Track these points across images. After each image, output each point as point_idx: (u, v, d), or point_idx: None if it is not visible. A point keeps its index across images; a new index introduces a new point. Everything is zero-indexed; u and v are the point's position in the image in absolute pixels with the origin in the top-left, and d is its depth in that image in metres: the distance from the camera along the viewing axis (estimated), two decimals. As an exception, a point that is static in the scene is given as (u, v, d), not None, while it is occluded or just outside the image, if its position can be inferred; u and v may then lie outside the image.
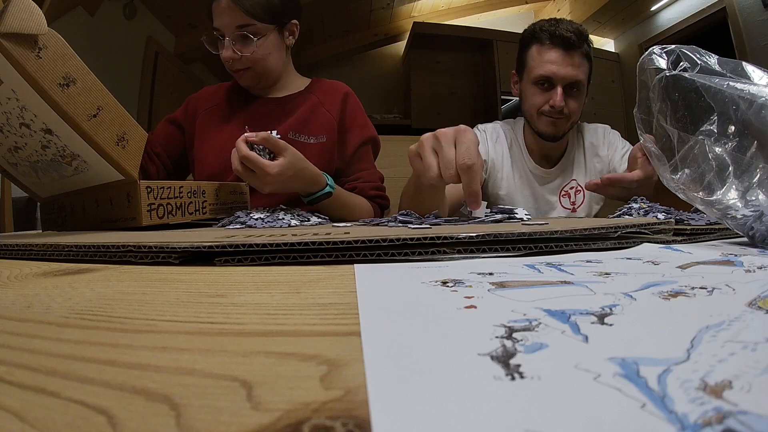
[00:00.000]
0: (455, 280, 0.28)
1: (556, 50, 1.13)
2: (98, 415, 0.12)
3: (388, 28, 3.70)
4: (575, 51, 1.14)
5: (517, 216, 0.61)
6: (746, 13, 2.43)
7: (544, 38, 1.15)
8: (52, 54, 0.58)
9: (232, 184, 0.93)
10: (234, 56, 1.04)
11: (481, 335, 0.17)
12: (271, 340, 0.18)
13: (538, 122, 1.20)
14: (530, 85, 1.19)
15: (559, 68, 1.13)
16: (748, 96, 0.40)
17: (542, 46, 1.15)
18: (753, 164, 0.39)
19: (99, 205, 0.72)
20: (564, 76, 1.14)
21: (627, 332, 0.17)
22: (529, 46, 1.19)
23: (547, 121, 1.18)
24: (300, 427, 0.11)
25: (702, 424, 0.10)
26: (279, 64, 1.13)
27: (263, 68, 1.09)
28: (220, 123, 1.16)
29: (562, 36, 1.12)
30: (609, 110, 3.32)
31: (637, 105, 0.52)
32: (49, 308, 0.23)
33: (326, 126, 1.12)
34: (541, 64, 1.15)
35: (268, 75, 1.12)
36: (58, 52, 0.58)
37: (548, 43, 1.14)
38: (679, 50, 0.47)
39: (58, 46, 0.59)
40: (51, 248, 0.43)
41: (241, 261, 0.38)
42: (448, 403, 0.12)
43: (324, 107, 1.14)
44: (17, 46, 0.54)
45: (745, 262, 0.31)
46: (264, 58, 1.07)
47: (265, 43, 1.05)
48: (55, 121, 0.61)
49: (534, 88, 1.18)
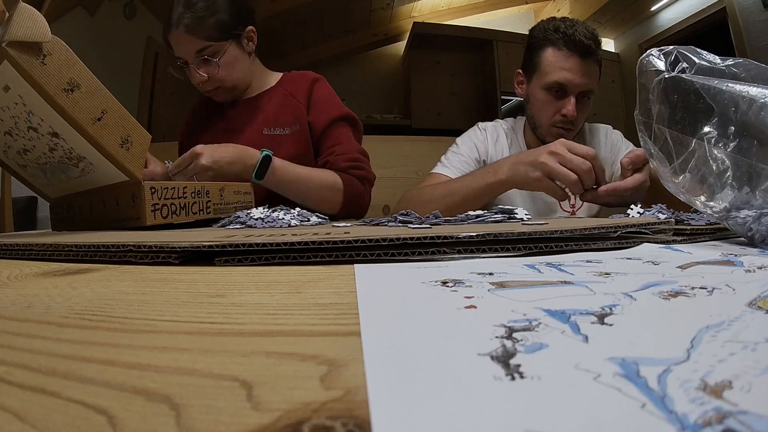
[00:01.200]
0: (455, 280, 0.28)
1: (573, 57, 1.09)
2: (98, 415, 0.12)
3: (388, 28, 3.69)
4: (591, 58, 1.10)
5: (517, 216, 0.60)
6: (746, 13, 2.43)
7: (561, 43, 1.09)
8: (57, 60, 0.60)
9: (236, 184, 0.93)
10: (203, 79, 1.08)
11: (481, 335, 0.17)
12: (271, 340, 0.18)
13: (546, 134, 1.16)
14: (541, 89, 1.14)
15: (575, 77, 1.09)
16: (748, 96, 0.40)
17: (558, 50, 1.10)
18: (753, 166, 0.39)
19: (106, 205, 0.73)
20: (579, 84, 1.10)
21: (627, 332, 0.17)
22: (542, 47, 1.13)
23: (557, 133, 1.14)
24: (300, 427, 0.11)
25: (702, 424, 0.10)
26: (245, 72, 1.16)
27: (231, 82, 1.13)
28: (201, 132, 1.20)
29: (581, 43, 1.07)
30: (609, 110, 3.31)
31: (638, 107, 0.52)
32: (48, 308, 0.23)
33: (296, 113, 1.14)
34: (557, 70, 1.10)
35: (239, 86, 1.16)
36: (62, 59, 0.60)
37: (565, 48, 1.09)
38: (678, 51, 0.47)
39: (62, 53, 0.60)
40: (51, 248, 0.43)
41: (241, 261, 0.38)
42: (448, 403, 0.12)
43: (293, 97, 1.16)
44: (23, 54, 0.56)
45: (745, 262, 0.31)
46: (229, 73, 1.10)
47: (226, 60, 1.08)
48: (61, 125, 0.62)
49: (545, 94, 1.14)
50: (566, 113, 1.10)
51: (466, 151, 1.21)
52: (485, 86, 3.52)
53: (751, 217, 0.40)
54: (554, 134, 1.14)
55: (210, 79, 1.08)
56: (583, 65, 1.09)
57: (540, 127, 1.18)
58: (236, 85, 1.14)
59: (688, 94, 0.43)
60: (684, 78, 0.44)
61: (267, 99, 1.17)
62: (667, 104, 0.46)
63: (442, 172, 1.18)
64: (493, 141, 1.25)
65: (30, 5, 0.56)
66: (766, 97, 0.39)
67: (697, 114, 0.43)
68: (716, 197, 0.43)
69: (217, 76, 1.08)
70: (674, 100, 0.45)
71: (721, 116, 0.41)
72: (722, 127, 0.41)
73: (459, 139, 1.27)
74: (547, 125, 1.16)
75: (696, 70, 0.46)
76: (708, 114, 0.42)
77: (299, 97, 1.16)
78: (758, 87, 0.40)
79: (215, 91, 1.12)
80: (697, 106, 0.42)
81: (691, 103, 0.43)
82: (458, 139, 1.27)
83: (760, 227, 0.40)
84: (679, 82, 0.45)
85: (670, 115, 0.46)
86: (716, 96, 0.41)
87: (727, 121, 0.41)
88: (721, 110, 0.41)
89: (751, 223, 0.40)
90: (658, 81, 0.47)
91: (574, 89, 1.10)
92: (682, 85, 0.44)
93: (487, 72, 3.49)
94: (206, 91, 1.12)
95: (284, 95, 1.17)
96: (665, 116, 0.47)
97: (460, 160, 1.20)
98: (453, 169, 1.18)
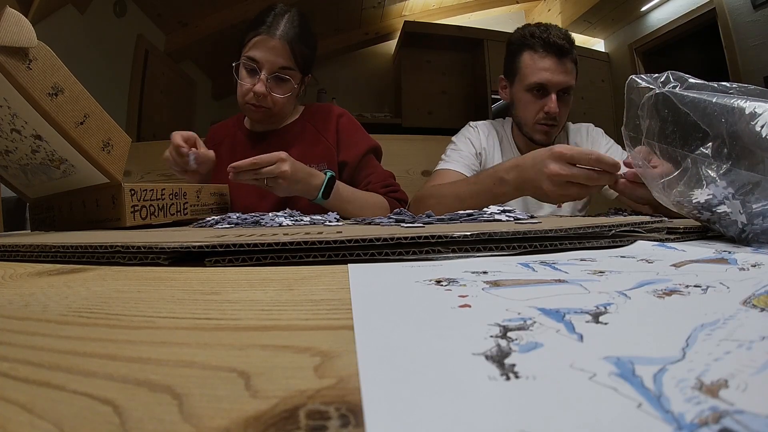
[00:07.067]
0: (449, 279, 0.28)
1: (549, 58, 1.16)
2: (104, 405, 0.12)
3: (379, 26, 3.69)
4: (566, 57, 1.17)
5: (511, 214, 0.60)
6: (736, 14, 2.45)
7: (537, 46, 1.17)
8: (42, 65, 0.61)
9: (213, 186, 0.96)
10: (265, 93, 1.06)
11: (475, 334, 0.17)
12: (266, 334, 0.18)
13: (532, 132, 1.23)
14: (523, 91, 1.21)
15: (553, 75, 1.16)
16: (737, 109, 0.40)
17: (535, 53, 1.17)
18: (741, 175, 0.40)
19: (86, 206, 0.74)
20: (558, 82, 1.17)
21: (622, 331, 0.17)
22: (520, 52, 1.21)
23: (542, 130, 1.21)
24: (296, 412, 0.11)
25: (698, 424, 0.10)
26: (291, 109, 1.17)
27: (280, 111, 1.12)
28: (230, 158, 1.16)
29: (555, 44, 1.15)
30: (599, 110, 3.34)
31: (625, 123, 0.53)
32: (46, 307, 0.23)
33: (325, 153, 1.15)
34: (535, 71, 1.17)
35: (280, 117, 1.16)
36: (47, 64, 0.62)
37: (541, 50, 1.16)
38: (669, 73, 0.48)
39: (47, 58, 0.62)
40: (38, 249, 0.42)
41: (232, 261, 0.37)
42: (443, 403, 0.11)
43: (321, 135, 1.17)
44: (9, 59, 0.57)
45: (739, 260, 0.32)
46: (284, 103, 1.10)
47: (291, 89, 1.09)
48: (44, 128, 0.64)
49: (527, 95, 1.20)
50: (549, 110, 1.17)
51: (463, 147, 1.28)
52: (476, 85, 3.53)
53: (741, 222, 0.41)
54: (539, 131, 1.21)
55: (268, 98, 1.07)
56: (559, 64, 1.16)
57: (525, 126, 1.24)
58: (280, 115, 1.14)
59: (678, 109, 0.44)
60: (675, 93, 0.45)
61: (294, 133, 1.18)
62: (657, 119, 0.47)
63: (446, 168, 1.24)
64: (485, 136, 1.31)
65: (20, 3, 0.56)
66: (755, 108, 0.39)
67: (687, 129, 0.43)
68: (706, 204, 0.43)
69: (276, 98, 1.08)
70: (665, 115, 0.46)
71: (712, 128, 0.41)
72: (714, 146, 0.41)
73: (455, 137, 1.33)
74: (531, 124, 1.22)
75: (687, 88, 0.46)
76: (698, 129, 0.42)
77: (327, 136, 1.17)
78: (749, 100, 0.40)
79: (260, 110, 1.09)
80: (687, 121, 0.43)
81: (681, 118, 0.44)
82: (454, 138, 1.33)
83: (755, 228, 0.40)
84: (669, 98, 0.45)
85: (660, 130, 0.47)
86: (705, 110, 0.42)
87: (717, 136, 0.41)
88: (710, 125, 0.41)
89: (742, 226, 0.41)
90: (649, 97, 0.48)
91: (553, 87, 1.17)
92: (673, 99, 0.44)
93: (478, 71, 3.50)
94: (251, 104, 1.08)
95: (312, 132, 1.18)
96: (655, 131, 0.47)
97: (461, 155, 1.26)
98: (455, 163, 1.24)
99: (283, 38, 1.03)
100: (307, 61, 1.10)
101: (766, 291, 0.22)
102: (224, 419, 0.11)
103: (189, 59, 3.37)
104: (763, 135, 0.38)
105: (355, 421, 0.11)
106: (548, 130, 1.21)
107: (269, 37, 1.03)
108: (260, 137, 1.19)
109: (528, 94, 1.20)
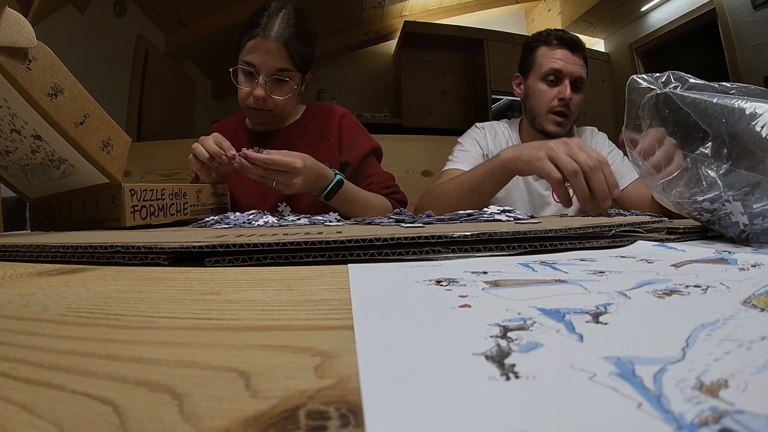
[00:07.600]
0: (449, 279, 0.28)
1: (563, 49, 1.25)
2: (104, 405, 0.12)
3: (379, 26, 3.69)
4: (578, 53, 1.26)
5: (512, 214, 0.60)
6: (736, 14, 2.44)
7: (551, 40, 1.27)
8: (41, 66, 0.61)
9: (213, 186, 0.95)
10: (265, 96, 1.05)
11: (475, 334, 0.17)
12: (266, 334, 0.18)
13: (545, 121, 1.27)
14: (538, 81, 1.28)
15: (567, 64, 1.24)
16: (738, 110, 0.40)
17: (550, 45, 1.27)
18: (741, 176, 0.40)
19: (86, 206, 0.74)
20: (571, 71, 1.24)
21: (622, 331, 0.17)
22: (536, 48, 1.29)
23: (555, 121, 1.26)
24: (296, 412, 0.11)
25: (698, 424, 0.10)
26: (292, 108, 1.16)
27: (281, 112, 1.12)
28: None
29: (569, 38, 1.26)
30: (599, 109, 3.34)
31: (626, 123, 0.53)
32: (46, 307, 0.23)
33: (328, 155, 1.14)
34: (551, 60, 1.26)
35: (282, 118, 1.15)
36: (46, 64, 0.62)
37: (556, 43, 1.26)
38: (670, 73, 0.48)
39: (46, 58, 0.62)
40: (38, 249, 0.42)
41: (232, 261, 0.37)
42: (443, 403, 0.11)
43: (324, 135, 1.17)
44: (8, 59, 0.57)
45: (738, 260, 0.32)
46: (286, 104, 1.09)
47: (291, 90, 1.08)
48: (44, 128, 0.64)
49: (542, 84, 1.27)
50: (563, 96, 1.24)
51: (471, 148, 1.30)
52: (476, 85, 3.53)
53: (741, 222, 0.41)
54: (552, 121, 1.26)
55: (268, 100, 1.06)
56: (572, 56, 1.26)
57: (539, 116, 1.28)
58: (281, 116, 1.14)
59: (679, 110, 0.44)
60: (676, 93, 0.45)
61: (297, 134, 1.16)
62: (658, 119, 0.47)
63: (453, 167, 1.26)
64: (492, 137, 1.34)
65: (20, 4, 0.56)
66: (755, 109, 0.39)
67: (687, 129, 0.43)
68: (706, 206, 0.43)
69: (277, 101, 1.07)
70: (666, 115, 0.46)
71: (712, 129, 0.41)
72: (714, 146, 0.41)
73: (461, 138, 1.36)
74: (545, 113, 1.27)
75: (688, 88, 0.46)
76: (698, 129, 0.42)
77: (330, 136, 1.17)
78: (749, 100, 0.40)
79: (261, 112, 1.09)
80: (688, 121, 0.43)
81: (682, 118, 0.44)
82: (460, 139, 1.35)
83: (753, 227, 0.40)
84: (670, 98, 0.45)
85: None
86: (706, 110, 0.42)
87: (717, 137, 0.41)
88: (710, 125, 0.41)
89: (742, 227, 0.41)
90: (650, 97, 0.48)
91: (567, 74, 1.25)
92: (675, 100, 0.44)
93: (478, 71, 3.50)
94: (253, 107, 1.08)
95: (315, 132, 1.17)
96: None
97: (468, 155, 1.28)
98: (462, 162, 1.26)
99: (278, 39, 1.02)
100: (305, 59, 1.08)
101: (766, 291, 0.22)
102: (224, 419, 0.11)
103: (189, 59, 3.37)
104: (763, 135, 0.38)
105: (355, 421, 0.11)
106: (561, 121, 1.25)
107: (264, 39, 1.01)
108: (262, 137, 1.18)
109: (542, 83, 1.27)
